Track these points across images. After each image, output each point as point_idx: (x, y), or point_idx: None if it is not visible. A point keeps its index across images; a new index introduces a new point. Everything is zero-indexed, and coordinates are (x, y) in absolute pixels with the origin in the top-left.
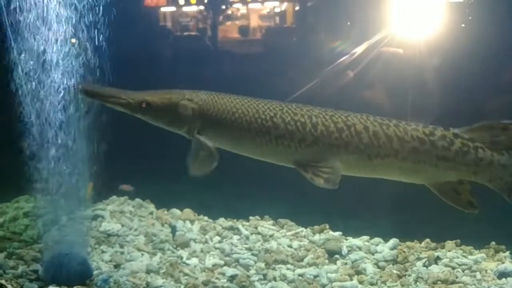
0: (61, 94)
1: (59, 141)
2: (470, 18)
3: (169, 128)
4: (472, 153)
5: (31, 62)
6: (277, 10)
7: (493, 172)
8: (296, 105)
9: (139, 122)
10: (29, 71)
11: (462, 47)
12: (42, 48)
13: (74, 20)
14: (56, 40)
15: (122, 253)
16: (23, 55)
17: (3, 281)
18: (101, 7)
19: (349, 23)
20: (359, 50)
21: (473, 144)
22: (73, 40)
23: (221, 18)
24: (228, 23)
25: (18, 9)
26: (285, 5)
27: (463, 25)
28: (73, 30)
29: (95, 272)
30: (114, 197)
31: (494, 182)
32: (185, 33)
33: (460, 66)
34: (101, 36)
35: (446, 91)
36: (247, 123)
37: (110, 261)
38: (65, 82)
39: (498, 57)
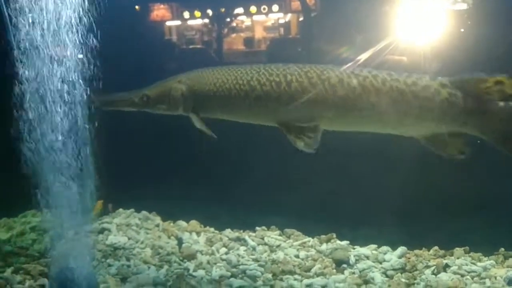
0: (68, 110)
1: (66, 156)
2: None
3: (169, 112)
4: (460, 103)
5: (38, 80)
6: (281, 21)
7: (485, 122)
8: (275, 66)
9: (145, 136)
10: (35, 88)
11: (464, 53)
12: (49, 67)
13: (81, 35)
14: (65, 58)
15: (128, 266)
16: (31, 72)
17: None
18: (107, 22)
19: (354, 31)
20: (363, 57)
21: (462, 94)
22: (80, 56)
23: (226, 30)
24: (233, 35)
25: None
26: (289, 16)
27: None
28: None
29: (102, 286)
30: (121, 210)
31: (487, 133)
32: (191, 46)
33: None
34: (108, 50)
35: None
36: (227, 90)
37: (117, 274)
38: (70, 95)
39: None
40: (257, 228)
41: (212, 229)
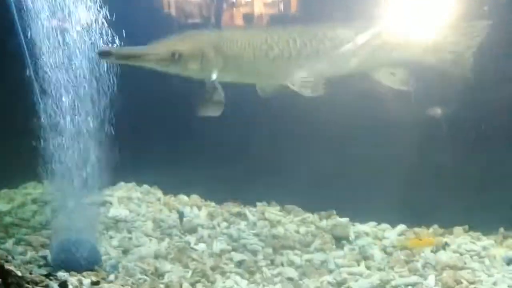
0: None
1: (68, 127)
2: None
3: (196, 75)
4: None
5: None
6: None
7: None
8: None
9: (147, 108)
10: (38, 64)
11: None
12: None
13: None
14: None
15: (130, 238)
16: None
17: (12, 267)
18: None
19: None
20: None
21: None
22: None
23: (225, 5)
24: (233, 9)
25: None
26: None
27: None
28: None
29: (103, 258)
30: (122, 183)
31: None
32: (189, 21)
33: None
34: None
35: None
36: (254, 49)
37: (119, 246)
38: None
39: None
40: (258, 203)
41: (213, 204)
